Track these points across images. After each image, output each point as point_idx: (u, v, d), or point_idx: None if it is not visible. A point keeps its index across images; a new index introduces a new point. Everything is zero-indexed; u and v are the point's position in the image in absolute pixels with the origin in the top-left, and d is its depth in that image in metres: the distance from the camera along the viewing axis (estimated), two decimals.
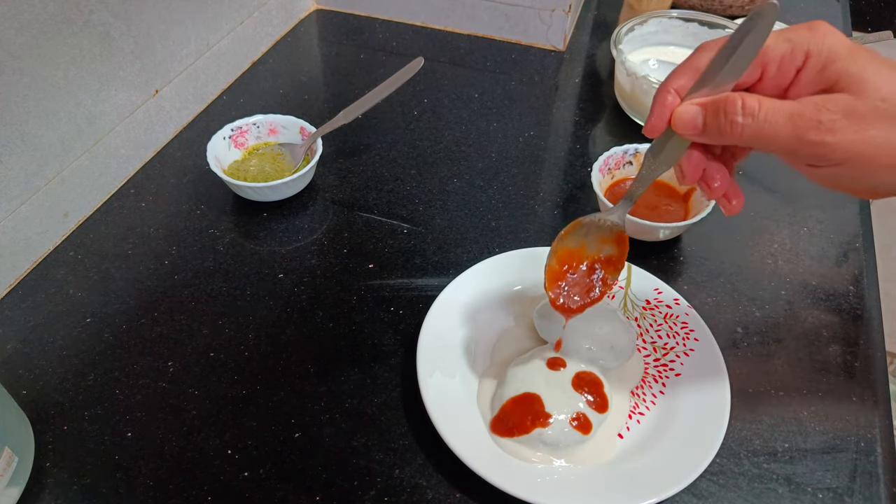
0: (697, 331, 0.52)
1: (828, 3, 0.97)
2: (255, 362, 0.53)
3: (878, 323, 0.56)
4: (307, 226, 0.64)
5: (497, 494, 0.43)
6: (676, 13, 0.79)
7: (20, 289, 0.58)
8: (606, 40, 0.90)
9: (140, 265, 0.60)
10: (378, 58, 0.85)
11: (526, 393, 0.47)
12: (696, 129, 0.38)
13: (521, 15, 0.85)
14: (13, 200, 0.56)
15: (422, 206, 0.66)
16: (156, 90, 0.69)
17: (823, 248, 0.62)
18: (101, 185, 0.65)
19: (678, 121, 0.38)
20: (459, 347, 0.52)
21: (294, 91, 0.80)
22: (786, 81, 0.38)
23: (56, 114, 0.58)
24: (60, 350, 0.53)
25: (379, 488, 0.45)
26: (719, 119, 0.36)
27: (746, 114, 0.36)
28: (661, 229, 0.58)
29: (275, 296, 0.57)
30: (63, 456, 0.47)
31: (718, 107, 0.37)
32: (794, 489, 0.46)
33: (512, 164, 0.71)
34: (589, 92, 0.81)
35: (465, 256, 0.61)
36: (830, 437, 0.48)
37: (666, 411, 0.49)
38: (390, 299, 0.57)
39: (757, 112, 0.35)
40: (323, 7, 0.94)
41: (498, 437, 0.46)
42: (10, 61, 0.52)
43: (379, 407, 0.50)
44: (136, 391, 0.51)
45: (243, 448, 0.47)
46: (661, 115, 0.39)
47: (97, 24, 0.59)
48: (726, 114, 0.36)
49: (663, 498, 0.42)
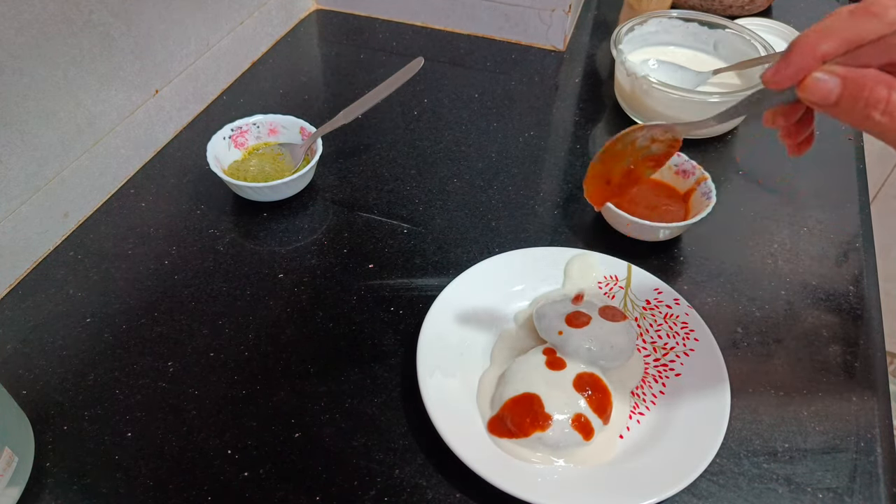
0: (697, 331, 0.52)
1: (828, 3, 0.97)
2: (255, 362, 0.53)
3: (878, 323, 0.56)
4: (307, 226, 0.64)
5: (497, 494, 0.43)
6: (676, 13, 0.79)
7: (20, 289, 0.58)
8: (606, 40, 0.90)
9: (140, 265, 0.60)
10: (378, 58, 0.85)
11: (526, 393, 0.47)
12: (828, 101, 0.33)
13: (521, 15, 0.85)
14: (13, 200, 0.56)
15: (422, 206, 0.66)
16: (156, 90, 0.69)
17: (823, 248, 0.62)
18: (101, 185, 0.65)
19: (812, 87, 0.33)
20: (459, 347, 0.52)
21: (294, 91, 0.80)
22: None
23: (56, 114, 0.58)
24: (60, 350, 0.53)
25: (379, 488, 0.45)
26: (856, 104, 0.32)
27: (887, 111, 0.31)
28: (661, 229, 0.58)
29: (275, 296, 0.57)
30: (63, 456, 0.47)
31: (861, 91, 0.32)
32: (794, 489, 0.46)
33: (512, 164, 0.71)
34: (589, 92, 0.81)
35: (465, 256, 0.61)
36: (830, 437, 0.48)
37: (666, 411, 0.49)
38: (390, 299, 0.57)
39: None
40: (323, 7, 0.94)
41: (496, 438, 0.46)
42: (10, 61, 0.52)
43: (379, 407, 0.50)
44: (136, 391, 0.51)
45: (243, 448, 0.47)
46: (796, 70, 0.34)
47: (97, 24, 0.59)
48: (867, 103, 0.32)
49: (663, 498, 0.42)
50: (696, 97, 0.68)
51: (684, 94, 0.68)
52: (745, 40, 0.76)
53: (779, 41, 0.85)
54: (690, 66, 0.78)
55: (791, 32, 0.85)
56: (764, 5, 0.92)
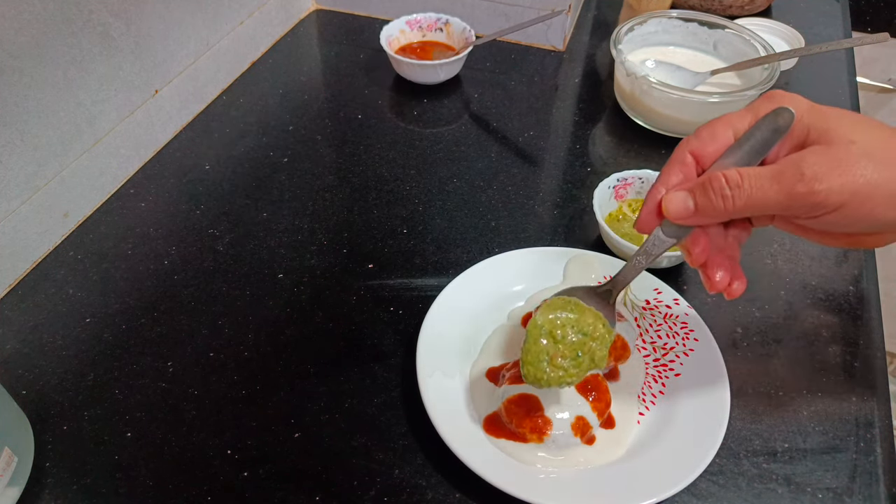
0: (697, 331, 0.52)
1: (828, 2, 0.97)
2: (255, 362, 0.53)
3: (877, 323, 0.56)
4: (307, 226, 0.64)
5: (497, 494, 0.43)
6: (676, 13, 0.79)
7: (20, 289, 0.58)
8: (606, 40, 0.90)
9: (140, 265, 0.60)
10: (378, 58, 0.85)
11: (526, 393, 0.47)
12: (689, 211, 0.39)
13: (520, 15, 0.85)
14: (13, 200, 0.56)
15: (422, 206, 0.66)
16: (155, 90, 0.69)
17: (823, 248, 0.62)
18: (101, 185, 0.65)
19: (670, 207, 0.39)
20: (459, 347, 0.52)
21: (294, 91, 0.80)
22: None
23: (56, 114, 0.58)
24: (60, 350, 0.53)
25: (379, 488, 0.45)
26: (709, 197, 0.38)
27: (732, 186, 0.37)
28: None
29: (275, 296, 0.57)
30: (63, 456, 0.47)
31: (705, 186, 0.38)
32: (793, 489, 0.46)
33: (512, 164, 0.71)
34: (589, 92, 0.81)
35: (465, 256, 0.61)
36: (830, 437, 0.48)
37: (666, 411, 0.49)
38: (390, 299, 0.57)
39: (741, 182, 0.37)
40: (323, 7, 0.94)
41: (493, 438, 0.46)
42: (10, 61, 0.52)
43: (379, 407, 0.50)
44: (136, 391, 0.51)
45: (243, 448, 0.47)
46: (651, 207, 0.40)
47: (97, 24, 0.59)
48: (714, 190, 0.38)
49: (663, 498, 0.42)
50: (696, 97, 0.68)
51: (684, 94, 0.68)
52: (744, 40, 0.76)
53: (779, 41, 0.85)
54: (690, 66, 0.78)
55: (791, 32, 0.85)
56: (764, 5, 0.92)
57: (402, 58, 0.77)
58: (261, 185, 0.68)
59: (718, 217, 0.39)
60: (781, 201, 0.36)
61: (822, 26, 0.93)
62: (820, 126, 0.38)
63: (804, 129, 0.38)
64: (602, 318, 0.44)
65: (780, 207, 0.37)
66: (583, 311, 0.44)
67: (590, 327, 0.43)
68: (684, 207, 0.39)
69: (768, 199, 0.37)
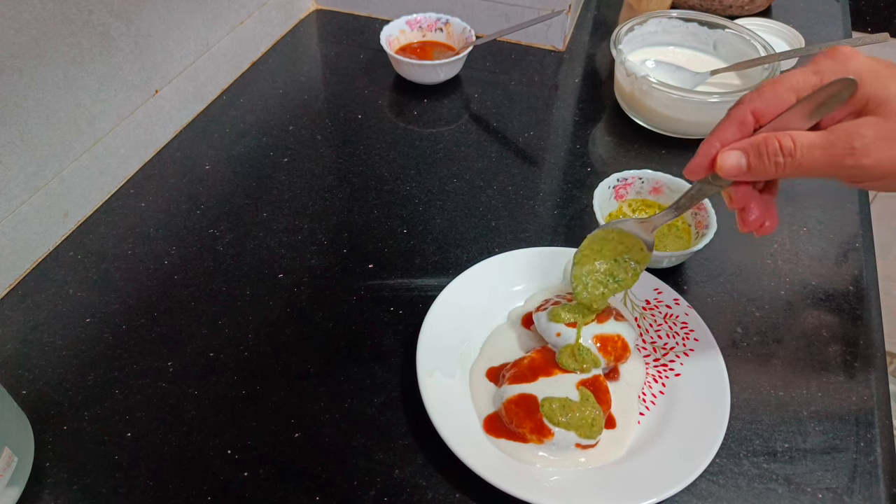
0: (697, 331, 0.52)
1: (828, 2, 0.97)
2: (255, 362, 0.53)
3: (877, 323, 0.56)
4: (307, 225, 0.64)
5: (497, 494, 0.43)
6: (676, 13, 0.79)
7: (20, 289, 0.58)
8: (606, 40, 0.90)
9: (140, 265, 0.60)
10: (378, 58, 0.85)
11: (526, 394, 0.47)
12: (741, 170, 0.40)
13: (520, 15, 0.85)
14: (13, 200, 0.56)
15: (422, 206, 0.66)
16: (155, 90, 0.69)
17: (823, 248, 0.62)
18: (101, 185, 0.65)
19: (724, 164, 0.41)
20: (459, 347, 0.52)
21: (294, 91, 0.80)
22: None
23: (56, 114, 0.58)
24: (60, 350, 0.53)
25: (379, 488, 0.45)
26: (762, 160, 0.39)
27: (786, 153, 0.39)
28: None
29: (275, 296, 0.57)
30: (63, 456, 0.47)
31: (760, 149, 0.39)
32: (793, 489, 0.46)
33: (512, 164, 0.71)
34: (589, 92, 0.81)
35: (465, 256, 0.61)
36: (830, 437, 0.49)
37: (666, 411, 0.49)
38: (390, 299, 0.57)
39: (793, 150, 0.38)
40: (323, 7, 0.94)
41: (494, 438, 0.46)
42: (10, 61, 0.52)
43: (379, 407, 0.50)
44: (136, 391, 0.51)
45: (243, 448, 0.47)
46: (704, 160, 0.42)
47: (97, 24, 0.59)
48: (767, 155, 0.39)
49: (663, 498, 0.42)
50: (696, 97, 0.68)
51: (684, 94, 0.68)
52: (744, 40, 0.76)
53: (779, 41, 0.85)
54: (690, 66, 0.78)
55: (791, 32, 0.85)
56: (764, 5, 0.92)
57: (402, 58, 0.77)
58: (261, 185, 0.68)
59: (768, 178, 0.41)
60: (829, 172, 0.38)
61: (822, 26, 0.93)
62: (880, 95, 0.38)
63: (864, 97, 0.38)
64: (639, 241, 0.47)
65: (826, 175, 0.39)
66: (622, 233, 0.48)
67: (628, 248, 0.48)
68: (737, 166, 0.40)
69: (816, 167, 0.38)
